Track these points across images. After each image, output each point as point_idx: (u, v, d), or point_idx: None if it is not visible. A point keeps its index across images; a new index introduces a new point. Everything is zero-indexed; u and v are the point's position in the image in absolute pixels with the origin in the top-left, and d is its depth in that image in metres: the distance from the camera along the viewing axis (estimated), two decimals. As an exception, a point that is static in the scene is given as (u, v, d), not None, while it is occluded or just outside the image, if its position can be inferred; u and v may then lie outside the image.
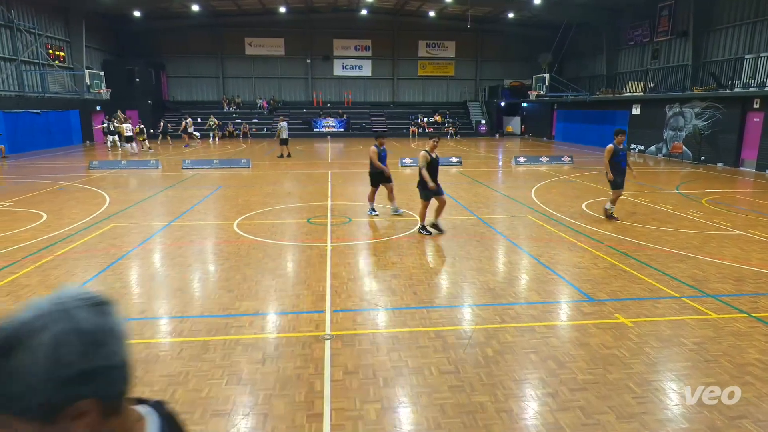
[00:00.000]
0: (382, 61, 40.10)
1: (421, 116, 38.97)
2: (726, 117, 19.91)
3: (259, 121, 37.89)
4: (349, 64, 39.95)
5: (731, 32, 21.59)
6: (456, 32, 38.83)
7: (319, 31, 38.53)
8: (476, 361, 4.50)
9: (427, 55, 40.38)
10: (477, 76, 41.08)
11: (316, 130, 37.57)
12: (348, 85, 40.32)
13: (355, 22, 37.57)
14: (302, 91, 40.16)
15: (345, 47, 39.58)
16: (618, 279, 6.62)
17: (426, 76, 40.78)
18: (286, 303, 5.86)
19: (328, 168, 19.05)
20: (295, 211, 11.11)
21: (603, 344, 4.82)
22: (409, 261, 7.41)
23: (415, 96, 41.18)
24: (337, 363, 4.47)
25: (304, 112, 39.06)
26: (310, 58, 39.20)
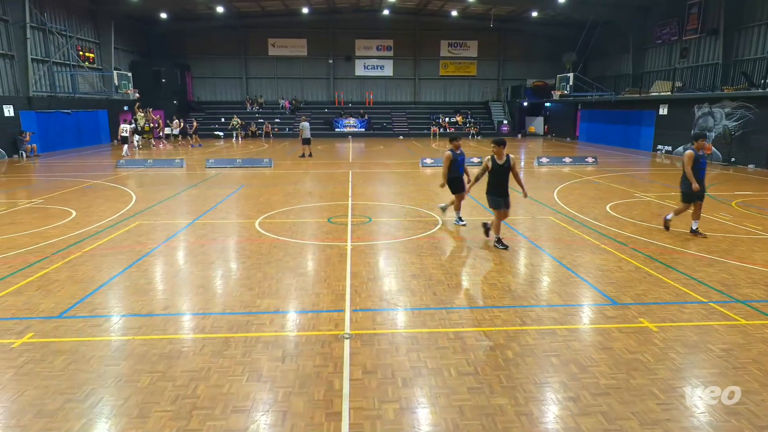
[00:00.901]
0: (404, 61, 40.07)
1: (442, 116, 38.80)
2: (758, 117, 19.31)
3: (281, 121, 38.26)
4: (371, 64, 40.03)
5: (764, 30, 20.93)
6: (478, 32, 38.56)
7: (341, 32, 38.72)
8: (496, 363, 4.46)
9: (449, 55, 40.19)
10: (499, 76, 40.71)
11: (337, 130, 37.76)
12: (369, 85, 40.41)
13: (377, 22, 37.63)
14: (324, 91, 40.42)
15: (367, 47, 39.67)
16: (643, 282, 6.48)
17: (447, 76, 40.59)
18: (306, 302, 5.91)
19: (349, 168, 19.12)
20: (315, 210, 11.19)
21: (626, 349, 4.73)
22: (428, 261, 7.39)
23: (436, 96, 41.04)
24: (356, 362, 4.48)
25: (325, 112, 39.30)
26: (332, 59, 39.41)
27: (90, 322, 5.31)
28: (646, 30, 28.87)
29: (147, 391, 4.03)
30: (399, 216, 10.63)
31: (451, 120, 38.59)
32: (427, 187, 14.47)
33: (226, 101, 39.76)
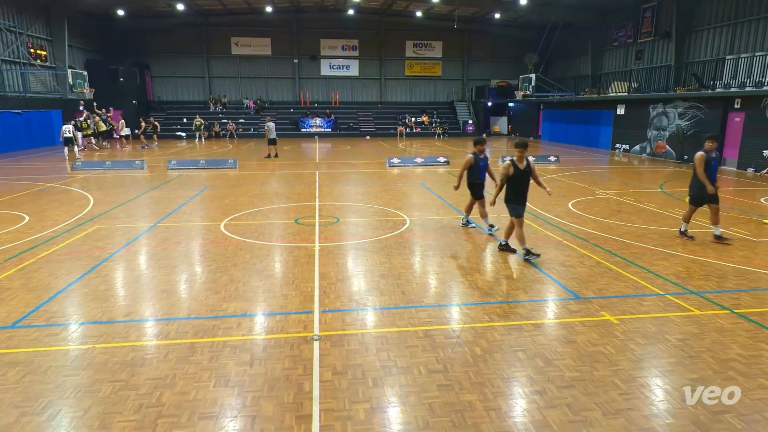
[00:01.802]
0: (370, 61, 40.10)
1: (408, 116, 39.03)
2: (708, 117, 20.25)
3: (246, 121, 37.66)
4: (337, 64, 39.87)
5: (713, 33, 21.96)
6: (443, 32, 38.98)
7: (306, 31, 38.41)
8: (465, 360, 4.52)
9: (415, 55, 40.46)
10: (464, 77, 41.26)
11: (303, 130, 37.44)
12: (335, 85, 40.25)
13: (342, 22, 37.53)
14: (289, 91, 40.00)
15: (332, 47, 39.50)
16: (604, 277, 6.70)
17: (413, 76, 40.85)
18: (274, 304, 5.83)
19: (316, 168, 18.99)
20: (282, 211, 11.06)
21: (589, 341, 4.87)
22: (397, 261, 7.42)
23: (402, 96, 41.24)
24: (326, 364, 4.46)
25: (291, 112, 38.91)
26: (297, 58, 39.05)
27: (46, 332, 5.09)
28: (603, 32, 29.83)
29: (109, 401, 3.89)
30: (367, 216, 10.63)
31: (417, 120, 38.86)
32: (394, 187, 14.53)
33: (189, 101, 38.83)
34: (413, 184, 14.98)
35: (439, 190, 13.79)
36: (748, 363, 4.48)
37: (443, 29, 38.23)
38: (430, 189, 14.04)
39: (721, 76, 20.56)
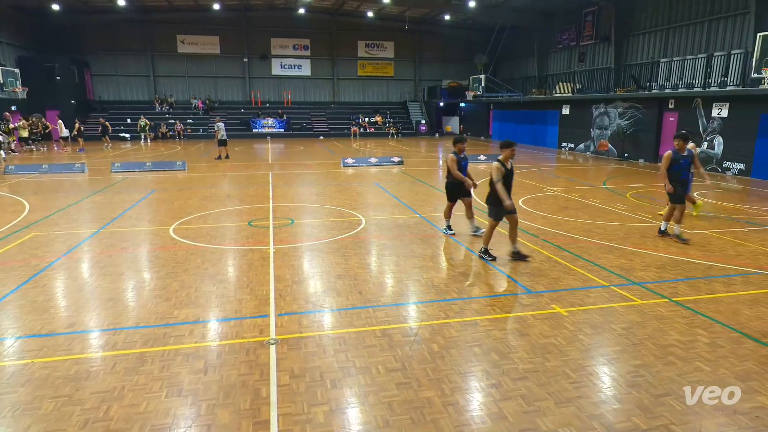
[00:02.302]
0: (322, 61, 39.82)
1: (362, 116, 39.05)
2: (645, 116, 21.39)
3: (195, 121, 36.54)
4: (288, 63, 39.34)
5: (648, 38, 23.21)
6: (394, 33, 39.25)
7: (255, 30, 37.68)
8: (422, 357, 4.57)
9: (367, 55, 40.52)
10: (416, 77, 41.70)
11: (255, 130, 36.72)
12: (287, 84, 39.72)
13: (292, 21, 37.07)
14: (240, 90, 39.12)
15: (283, 46, 38.94)
16: (553, 271, 6.94)
17: (366, 76, 40.91)
18: (228, 309, 5.69)
19: (269, 169, 18.67)
20: (234, 213, 10.81)
21: (541, 334, 5.04)
22: (353, 261, 7.41)
23: (355, 96, 41.21)
24: (283, 367, 4.40)
25: (242, 112, 38.07)
26: (247, 57, 38.25)
27: (-22, 348, 4.74)
28: (549, 35, 30.92)
29: (51, 418, 3.67)
30: (322, 217, 10.56)
31: (370, 120, 38.95)
32: (349, 187, 14.50)
33: (133, 101, 37.24)
34: (368, 184, 15.00)
35: (394, 190, 13.88)
36: (685, 348, 4.76)
37: (395, 30, 38.50)
38: (385, 189, 14.10)
39: (656, 78, 21.77)
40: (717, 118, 18.11)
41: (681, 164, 8.25)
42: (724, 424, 3.62)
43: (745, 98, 16.82)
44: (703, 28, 20.17)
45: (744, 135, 16.39)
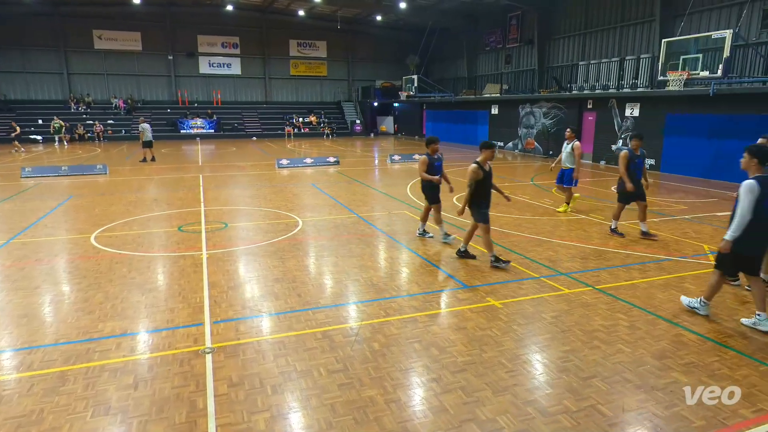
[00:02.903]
0: (253, 60, 38.81)
1: (296, 116, 38.50)
2: (567, 116, 22.68)
3: (116, 122, 34.41)
4: (217, 61, 37.99)
5: (568, 42, 24.60)
6: (327, 32, 39.00)
7: (181, 26, 36.07)
8: (364, 357, 4.58)
9: (299, 55, 39.97)
10: (349, 77, 41.69)
11: (183, 131, 35.17)
12: (216, 83, 38.35)
13: (220, 18, 35.84)
14: (165, 89, 37.28)
15: (211, 44, 37.55)
16: (487, 265, 7.19)
17: (299, 76, 40.35)
18: (159, 319, 5.41)
19: (199, 171, 17.95)
20: (163, 218, 10.30)
21: (478, 326, 5.21)
22: (291, 264, 7.29)
23: (288, 96, 40.54)
24: (221, 376, 4.25)
25: (168, 112, 36.32)
26: (172, 55, 36.52)
27: None
28: (477, 37, 31.98)
29: (-44, 451, 3.33)
30: (257, 219, 10.30)
31: (305, 120, 38.49)
32: (285, 189, 14.25)
33: (44, 100, 34.44)
34: (304, 185, 14.82)
35: (331, 190, 13.80)
36: (608, 332, 5.11)
37: (327, 29, 38.27)
38: (322, 189, 14.00)
39: (576, 80, 23.14)
40: (630, 118, 19.55)
41: (637, 163, 8.45)
42: (644, 400, 3.91)
43: (654, 99, 18.28)
44: (615, 33, 21.68)
45: (653, 133, 17.79)
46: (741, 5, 16.29)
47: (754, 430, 3.56)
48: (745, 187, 4.87)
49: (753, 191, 4.82)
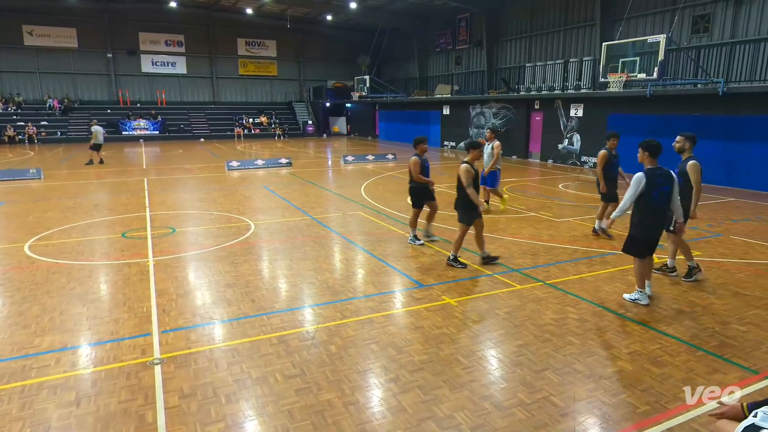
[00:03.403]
0: (199, 59, 37.68)
1: (245, 117, 37.70)
2: (516, 116, 23.38)
3: (51, 123, 32.53)
4: (161, 60, 36.63)
5: (515, 44, 25.37)
6: (276, 31, 38.41)
7: (120, 23, 34.52)
8: (321, 360, 4.55)
9: (248, 54, 39.16)
10: (300, 77, 41.25)
11: (125, 133, 33.69)
12: (161, 83, 36.97)
13: (163, 14, 34.59)
14: (104, 89, 35.57)
15: (154, 42, 36.16)
16: (442, 264, 7.30)
17: (248, 76, 39.52)
18: (103, 331, 5.16)
19: (144, 175, 17.25)
20: (105, 225, 9.82)
21: (434, 325, 5.28)
22: (244, 268, 7.13)
23: (237, 96, 39.63)
24: (171, 388, 4.10)
25: (108, 113, 34.68)
26: (111, 53, 34.90)
27: None
28: (428, 38, 32.42)
29: None
30: (207, 223, 10.01)
31: (255, 121, 37.76)
32: (235, 191, 13.93)
33: (-32, 100, 32.08)
34: (256, 188, 14.54)
35: (284, 192, 13.61)
36: (558, 325, 5.30)
37: (276, 28, 37.69)
38: (274, 191, 13.78)
39: (524, 81, 23.90)
40: (574, 118, 20.39)
41: (614, 163, 8.53)
42: (593, 389, 4.09)
43: (596, 100, 19.15)
44: (559, 36, 22.55)
45: (597, 132, 18.63)
46: (673, 11, 17.34)
47: (693, 412, 3.79)
48: (634, 178, 5.50)
49: (639, 182, 5.44)
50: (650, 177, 5.45)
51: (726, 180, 15.02)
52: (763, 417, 2.10)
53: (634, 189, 5.46)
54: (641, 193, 5.45)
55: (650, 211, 5.53)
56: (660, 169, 5.53)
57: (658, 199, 5.51)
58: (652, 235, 5.71)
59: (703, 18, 16.82)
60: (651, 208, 5.51)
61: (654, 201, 5.49)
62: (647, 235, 5.68)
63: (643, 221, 5.59)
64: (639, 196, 5.48)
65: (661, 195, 5.51)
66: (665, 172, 5.53)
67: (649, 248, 5.75)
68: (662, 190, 5.51)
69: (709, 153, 15.54)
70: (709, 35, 16.64)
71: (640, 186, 5.43)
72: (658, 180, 5.47)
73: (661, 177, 5.50)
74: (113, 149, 26.97)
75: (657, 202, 5.52)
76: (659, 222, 5.71)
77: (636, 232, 5.67)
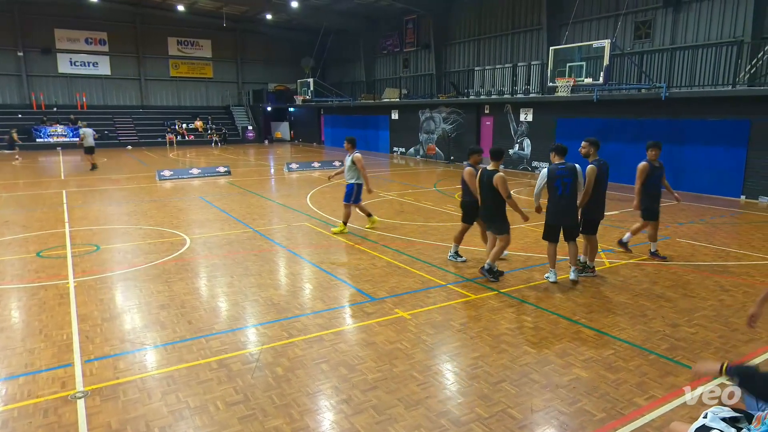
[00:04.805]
0: (125, 59, 36.22)
1: (179, 122, 36.54)
2: (466, 121, 23.98)
3: (-50, 130, 30.19)
4: (80, 60, 34.91)
5: (463, 47, 26.09)
6: (211, 30, 37.55)
7: (32, 18, 32.64)
8: (266, 384, 4.44)
9: (180, 54, 38.05)
10: (239, 79, 40.50)
11: (39, 140, 31.79)
12: (81, 85, 35.19)
13: (82, 9, 33.00)
14: (15, 90, 33.42)
15: (72, 39, 34.44)
16: (394, 275, 7.34)
17: (180, 77, 38.35)
18: (15, 363, 4.81)
19: (62, 186, 16.33)
20: (17, 243, 9.21)
21: (387, 340, 5.29)
22: (179, 287, 6.87)
23: (169, 99, 38.35)
24: (97, 424, 3.87)
25: (19, 117, 32.59)
26: (22, 51, 32.92)
27: None
28: (374, 40, 32.76)
29: None
30: (136, 239, 9.59)
31: (189, 126, 36.69)
32: (168, 203, 13.45)
33: None
34: (191, 199, 14.10)
35: (222, 203, 13.27)
36: (514, 334, 5.44)
37: (212, 27, 36.85)
38: (211, 203, 13.41)
39: (473, 85, 24.59)
40: (524, 122, 21.16)
41: (656, 176, 7.94)
42: (550, 399, 4.22)
43: (545, 104, 19.97)
44: (507, 40, 23.41)
45: (546, 137, 19.42)
46: (617, 17, 18.41)
47: (647, 416, 3.98)
48: (541, 172, 7.01)
49: (543, 177, 6.90)
50: (551, 171, 6.84)
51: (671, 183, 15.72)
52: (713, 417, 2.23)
53: (541, 181, 6.96)
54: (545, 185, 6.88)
55: (553, 200, 6.89)
56: (563, 164, 6.84)
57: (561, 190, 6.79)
58: (554, 221, 6.98)
59: (644, 24, 17.97)
60: (553, 197, 6.86)
61: (556, 191, 6.79)
62: (551, 221, 7.00)
63: (549, 209, 6.99)
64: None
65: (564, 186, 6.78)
66: (570, 167, 6.80)
67: (554, 234, 6.99)
68: (565, 181, 6.77)
69: (654, 157, 16.57)
70: (650, 41, 17.78)
71: (544, 179, 6.87)
72: (559, 173, 6.78)
73: (563, 170, 6.79)
74: (25, 158, 25.38)
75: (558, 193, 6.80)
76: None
77: (546, 218, 7.08)
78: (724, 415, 2.26)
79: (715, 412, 2.26)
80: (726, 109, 14.58)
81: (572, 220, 6.99)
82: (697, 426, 2.26)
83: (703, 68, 15.44)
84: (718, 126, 14.78)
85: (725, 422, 2.22)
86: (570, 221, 6.97)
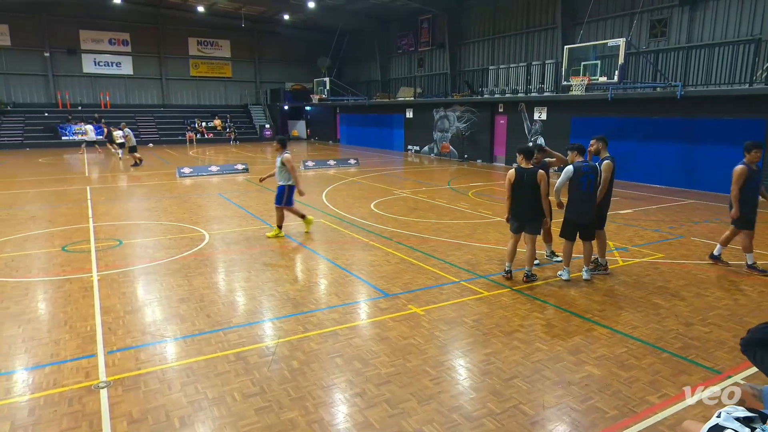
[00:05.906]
0: (147, 59, 36.64)
1: (198, 120, 36.90)
2: (480, 120, 23.83)
3: (-20, 128, 30.89)
4: (104, 60, 35.41)
5: (478, 46, 25.91)
6: (230, 31, 37.83)
7: (57, 19, 33.18)
8: (282, 377, 4.47)
9: (200, 54, 38.39)
10: (257, 78, 40.74)
11: (65, 138, 32.33)
12: (105, 84, 35.70)
13: (106, 11, 33.46)
14: (42, 90, 34.04)
15: (96, 40, 34.94)
16: (408, 272, 7.34)
17: (200, 77, 38.70)
18: (41, 354, 4.91)
19: (86, 183, 16.60)
20: (43, 238, 9.39)
21: (401, 335, 5.29)
22: (198, 282, 6.95)
23: (189, 98, 38.73)
24: (119, 413, 3.94)
25: (46, 116, 33.21)
26: (49, 51, 33.50)
27: None
28: (389, 40, 32.69)
29: None
30: (157, 234, 9.72)
31: (208, 125, 37.02)
32: (188, 200, 13.59)
33: None
34: (210, 195, 14.23)
35: (240, 200, 13.38)
36: (527, 332, 5.41)
37: (230, 28, 37.12)
38: (230, 199, 13.52)
39: (487, 84, 24.41)
40: (538, 121, 20.96)
41: (755, 180, 6.97)
42: (562, 396, 4.18)
43: (559, 103, 19.75)
44: (522, 39, 23.18)
45: (561, 135, 19.20)
46: (632, 16, 18.12)
47: (660, 414, 3.93)
48: (566, 169, 6.95)
49: (569, 173, 6.84)
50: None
51: (686, 182, 15.76)
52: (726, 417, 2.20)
53: (563, 177, 6.92)
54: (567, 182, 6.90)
55: (573, 197, 6.93)
56: (586, 161, 7.00)
57: (581, 188, 6.81)
58: (574, 216, 6.98)
59: (660, 22, 17.66)
60: (573, 195, 6.91)
61: (576, 189, 6.82)
62: (570, 216, 7.01)
63: (569, 206, 7.02)
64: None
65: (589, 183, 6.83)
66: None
67: (572, 231, 7.01)
68: (590, 178, 6.81)
69: (669, 155, 16.31)
70: (666, 39, 17.47)
71: (568, 175, 6.85)
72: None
73: (587, 167, 6.89)
74: (51, 155, 25.87)
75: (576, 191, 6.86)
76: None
77: (566, 213, 7.09)
78: (738, 415, 2.22)
79: (728, 412, 2.22)
80: (742, 107, 14.29)
81: (591, 217, 7.00)
82: (710, 425, 2.23)
83: (720, 67, 15.14)
84: (734, 125, 14.48)
85: (739, 422, 2.18)
86: (589, 218, 6.98)
